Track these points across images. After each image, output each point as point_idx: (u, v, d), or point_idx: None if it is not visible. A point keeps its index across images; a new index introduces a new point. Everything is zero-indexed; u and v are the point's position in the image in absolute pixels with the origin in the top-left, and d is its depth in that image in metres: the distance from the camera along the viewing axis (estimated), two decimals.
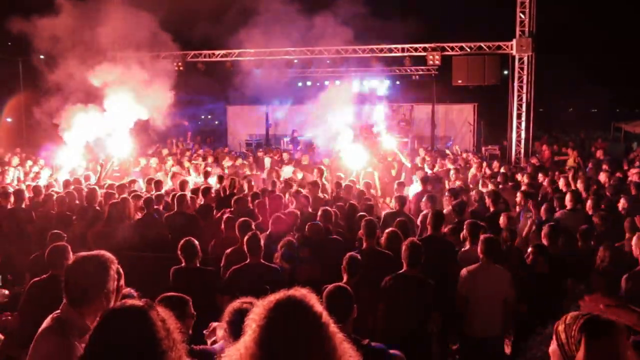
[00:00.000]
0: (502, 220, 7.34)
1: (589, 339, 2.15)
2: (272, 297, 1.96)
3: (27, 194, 9.65)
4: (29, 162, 14.35)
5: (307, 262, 6.16)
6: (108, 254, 3.02)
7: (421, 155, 15.94)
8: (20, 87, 22.40)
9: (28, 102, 19.59)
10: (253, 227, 6.54)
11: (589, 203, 8.18)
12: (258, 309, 1.95)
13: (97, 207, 8.64)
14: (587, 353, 2.14)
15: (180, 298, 3.83)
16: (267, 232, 6.85)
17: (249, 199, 8.84)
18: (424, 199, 8.63)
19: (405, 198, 9.12)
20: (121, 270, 3.02)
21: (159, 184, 10.43)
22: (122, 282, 3.00)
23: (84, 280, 2.89)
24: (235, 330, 2.82)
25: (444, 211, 8.01)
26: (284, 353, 1.84)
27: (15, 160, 14.12)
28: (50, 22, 12.57)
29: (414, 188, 10.90)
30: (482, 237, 5.82)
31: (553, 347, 2.27)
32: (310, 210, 8.26)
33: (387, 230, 6.51)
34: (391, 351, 3.61)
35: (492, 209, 8.39)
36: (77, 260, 2.99)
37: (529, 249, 6.06)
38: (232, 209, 8.28)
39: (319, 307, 1.95)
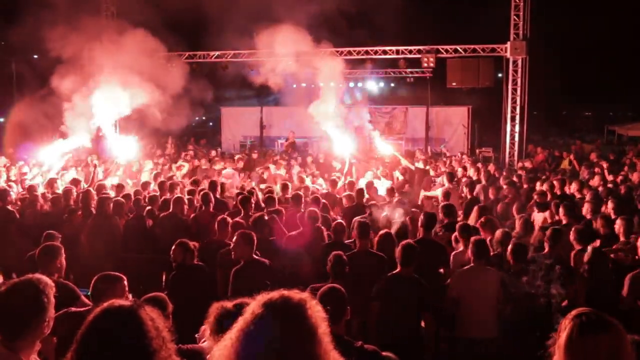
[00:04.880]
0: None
1: (573, 332, 2.13)
2: (267, 295, 1.94)
3: (13, 194, 9.63)
4: (20, 162, 14.26)
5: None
6: (44, 278, 2.78)
7: (418, 157, 16.01)
8: (14, 87, 22.28)
9: (20, 102, 19.46)
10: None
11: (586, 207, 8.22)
12: (250, 307, 1.93)
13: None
14: (567, 344, 2.12)
15: (163, 298, 3.81)
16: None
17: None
18: None
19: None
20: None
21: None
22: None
23: (21, 310, 2.62)
24: (217, 329, 2.81)
25: None
26: (264, 352, 1.81)
27: (2, 161, 14.01)
28: (42, 23, 12.50)
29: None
30: (472, 239, 5.82)
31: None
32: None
33: (380, 232, 6.50)
34: (384, 353, 3.59)
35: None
36: (10, 288, 2.70)
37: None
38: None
39: (310, 312, 1.91)
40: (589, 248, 6.02)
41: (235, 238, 5.83)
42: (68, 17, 12.65)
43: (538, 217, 8.54)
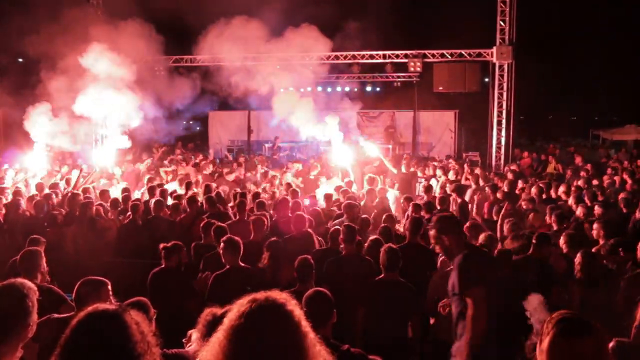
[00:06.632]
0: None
1: (556, 336, 2.14)
2: (250, 297, 1.95)
3: None
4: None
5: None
6: (28, 282, 2.76)
7: (404, 162, 16.01)
8: None
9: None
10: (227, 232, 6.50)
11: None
12: (235, 307, 1.94)
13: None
14: (550, 348, 2.12)
15: (145, 302, 3.79)
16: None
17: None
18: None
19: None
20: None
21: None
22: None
23: (5, 314, 2.60)
24: (207, 336, 2.79)
25: None
26: (253, 351, 1.82)
27: None
28: (27, 26, 12.40)
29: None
30: None
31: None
32: None
33: (370, 238, 6.48)
34: (371, 357, 3.58)
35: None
36: None
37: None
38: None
39: (292, 309, 1.94)
40: (580, 252, 6.03)
41: (222, 244, 5.78)
42: (53, 18, 12.58)
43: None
